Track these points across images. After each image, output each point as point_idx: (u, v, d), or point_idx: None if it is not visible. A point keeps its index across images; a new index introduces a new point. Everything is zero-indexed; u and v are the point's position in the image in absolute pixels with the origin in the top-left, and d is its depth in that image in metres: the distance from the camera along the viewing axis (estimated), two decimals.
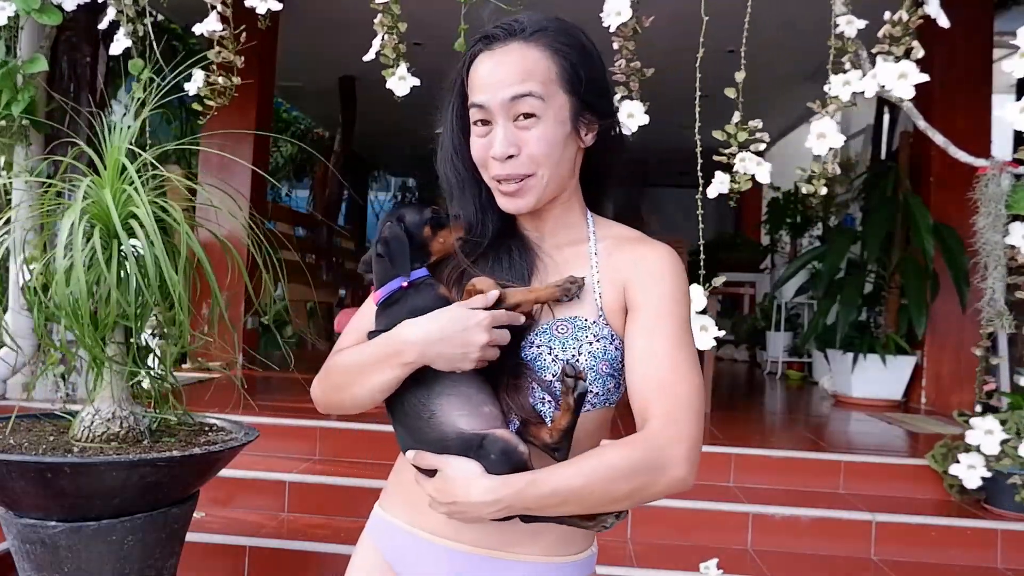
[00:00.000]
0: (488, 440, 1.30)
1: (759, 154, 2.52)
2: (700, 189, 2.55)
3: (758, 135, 2.45)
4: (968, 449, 3.88)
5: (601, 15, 2.54)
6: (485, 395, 1.36)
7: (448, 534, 1.42)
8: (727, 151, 2.45)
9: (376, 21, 2.72)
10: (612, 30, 2.54)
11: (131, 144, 2.39)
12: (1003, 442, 3.74)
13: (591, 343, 1.38)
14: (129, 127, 2.44)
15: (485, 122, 1.41)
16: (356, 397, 1.42)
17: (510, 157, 1.39)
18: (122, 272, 2.31)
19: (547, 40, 1.40)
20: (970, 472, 3.89)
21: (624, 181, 1.60)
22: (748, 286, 9.68)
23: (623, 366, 1.42)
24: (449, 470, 1.29)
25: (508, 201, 1.44)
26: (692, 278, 2.45)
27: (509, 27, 1.41)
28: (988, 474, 3.84)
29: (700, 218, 2.57)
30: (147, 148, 2.43)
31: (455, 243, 1.46)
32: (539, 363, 1.39)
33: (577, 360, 1.37)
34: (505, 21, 1.43)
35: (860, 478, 4.42)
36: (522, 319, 1.38)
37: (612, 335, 1.40)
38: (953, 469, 3.96)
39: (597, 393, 1.40)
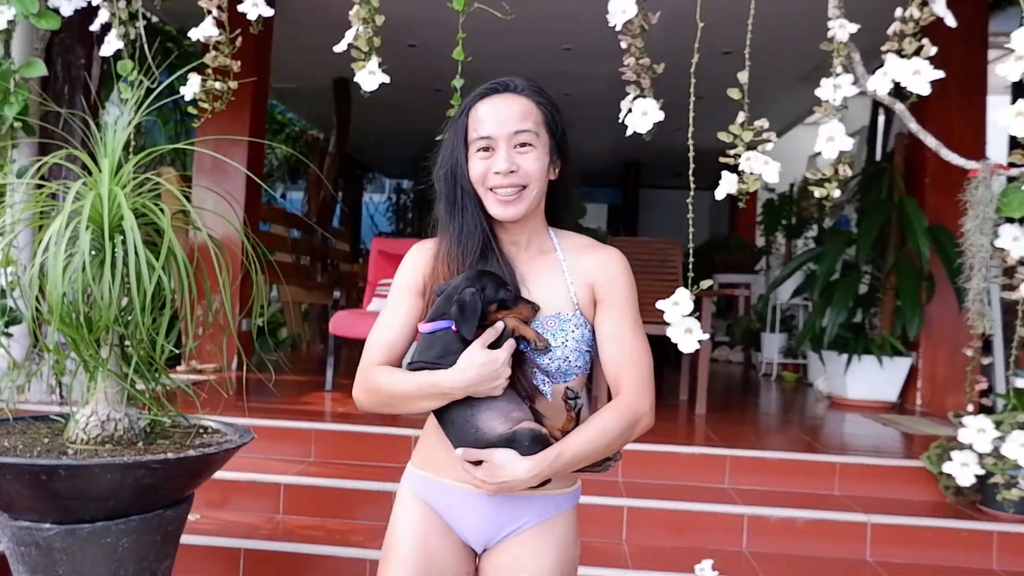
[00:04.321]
0: (519, 433, 1.74)
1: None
2: (691, 192, 2.54)
3: (765, 135, 2.44)
4: (961, 447, 3.89)
5: (607, 15, 2.53)
6: (513, 403, 1.79)
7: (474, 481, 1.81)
8: (733, 152, 2.44)
9: (352, 13, 2.69)
10: (618, 28, 2.53)
11: (124, 146, 2.38)
12: (995, 439, 3.74)
13: (573, 331, 1.88)
14: (123, 129, 2.43)
15: (487, 148, 1.86)
16: (406, 411, 1.87)
17: (511, 172, 1.83)
18: (114, 274, 2.30)
19: (532, 95, 1.90)
20: (963, 470, 3.89)
21: (570, 206, 2.10)
22: (743, 287, 9.70)
23: (593, 344, 1.93)
24: (495, 458, 1.73)
25: (503, 208, 1.86)
26: (686, 280, 2.45)
27: (504, 83, 1.91)
28: (981, 472, 3.84)
29: (691, 222, 2.57)
30: (139, 150, 2.42)
31: (497, 316, 1.81)
32: (536, 352, 1.85)
33: (566, 346, 1.86)
34: (498, 81, 1.92)
35: (855, 480, 4.43)
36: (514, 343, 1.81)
37: (586, 323, 1.91)
38: (946, 467, 3.96)
39: (580, 366, 1.90)
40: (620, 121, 2.56)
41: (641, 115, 2.51)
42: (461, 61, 2.71)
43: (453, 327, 1.77)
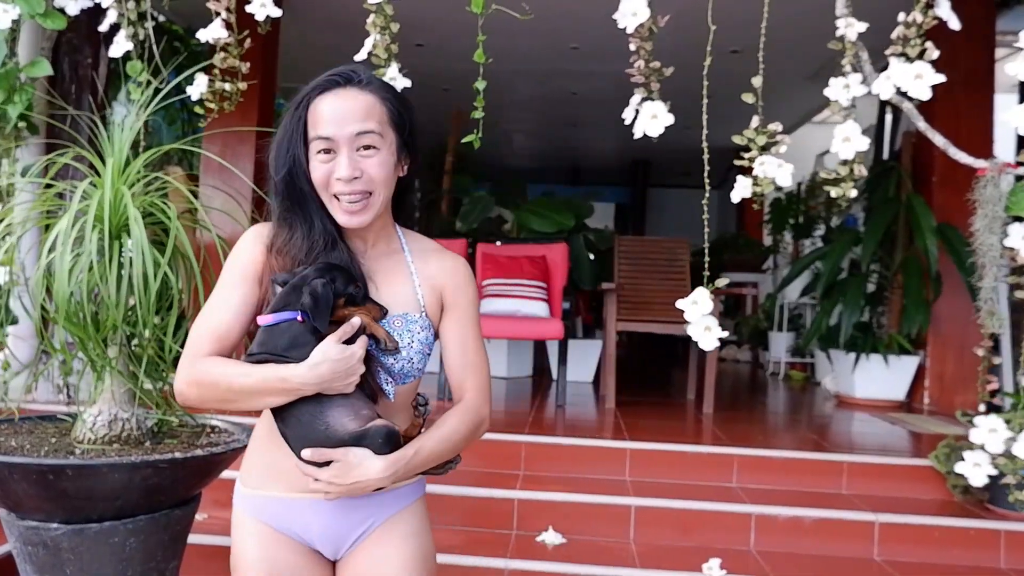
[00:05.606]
0: (372, 430, 1.67)
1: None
2: (707, 192, 2.54)
3: (778, 137, 2.44)
4: (973, 447, 3.88)
5: (615, 17, 2.53)
6: (362, 401, 1.72)
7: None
8: (748, 155, 2.43)
9: (368, 21, 2.71)
10: (629, 31, 2.53)
11: (132, 146, 2.39)
12: (1007, 440, 3.73)
13: (419, 333, 1.83)
14: (130, 128, 2.43)
15: (328, 151, 1.75)
16: (242, 407, 1.71)
17: (355, 179, 1.73)
18: (121, 274, 2.31)
19: (376, 90, 1.80)
20: (975, 470, 3.88)
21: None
22: (751, 287, 9.68)
23: (433, 347, 1.89)
24: (349, 457, 1.64)
25: (349, 217, 1.77)
26: (701, 280, 2.45)
27: (346, 75, 1.80)
28: (994, 472, 3.84)
29: (706, 222, 2.57)
30: (146, 150, 2.43)
31: (346, 312, 1.73)
32: (384, 353, 1.79)
33: (411, 347, 1.81)
34: (341, 70, 1.81)
35: (863, 478, 4.42)
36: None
37: (430, 325, 1.87)
38: (959, 467, 3.95)
39: (420, 368, 1.86)
40: (628, 124, 2.55)
41: (651, 118, 2.51)
42: (482, 64, 2.70)
43: (299, 318, 1.68)
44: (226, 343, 1.76)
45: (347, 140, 1.74)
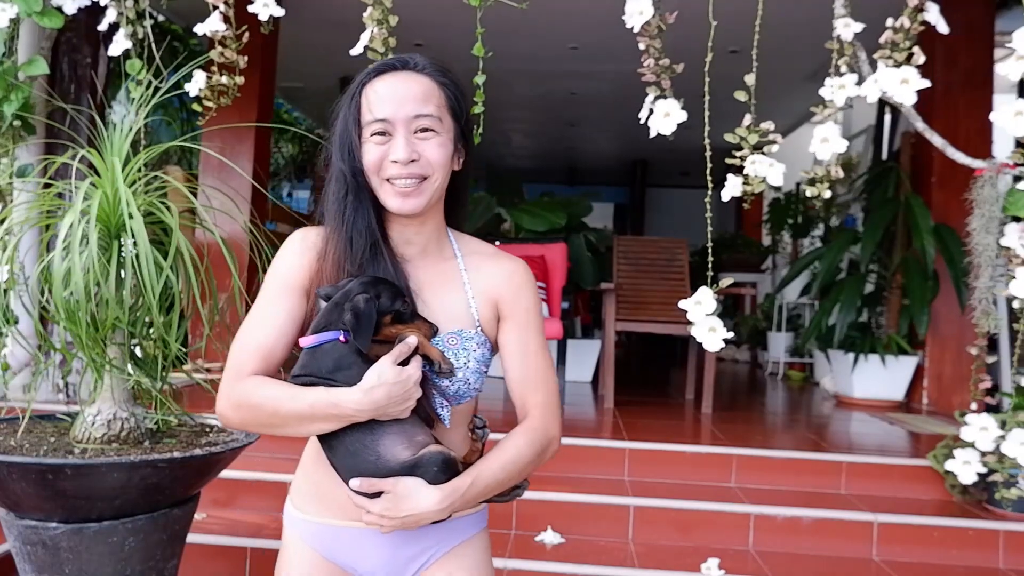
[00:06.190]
0: (426, 457, 1.54)
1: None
2: (709, 191, 2.54)
3: (770, 136, 2.44)
4: (963, 445, 3.88)
5: (614, 14, 2.53)
6: (417, 426, 1.59)
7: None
8: (739, 154, 2.44)
9: (366, 15, 2.70)
10: (636, 30, 2.53)
11: (130, 145, 2.39)
12: (997, 438, 3.73)
13: (475, 350, 1.68)
14: (130, 128, 2.44)
15: (383, 133, 1.63)
16: (288, 434, 1.59)
17: (412, 161, 1.61)
18: (122, 273, 2.31)
19: (434, 74, 1.68)
20: (965, 468, 3.88)
21: (467, 205, 1.90)
22: (749, 287, 9.69)
23: (491, 363, 1.73)
24: (400, 490, 1.51)
25: (402, 200, 1.64)
26: (699, 280, 2.45)
27: (402, 61, 1.68)
28: (983, 470, 3.84)
29: (709, 221, 2.57)
30: (146, 149, 2.43)
31: (392, 331, 1.58)
32: (439, 375, 1.63)
33: (467, 367, 1.66)
34: (397, 57, 1.70)
35: (862, 478, 4.42)
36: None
37: (486, 340, 1.72)
38: (949, 465, 3.95)
39: (477, 388, 1.71)
40: (642, 122, 2.55)
41: (664, 116, 2.51)
42: (482, 58, 2.70)
43: (342, 338, 1.55)
44: (270, 361, 1.64)
45: (404, 122, 1.62)
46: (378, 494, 1.52)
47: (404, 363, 1.54)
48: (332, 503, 1.70)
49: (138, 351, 2.49)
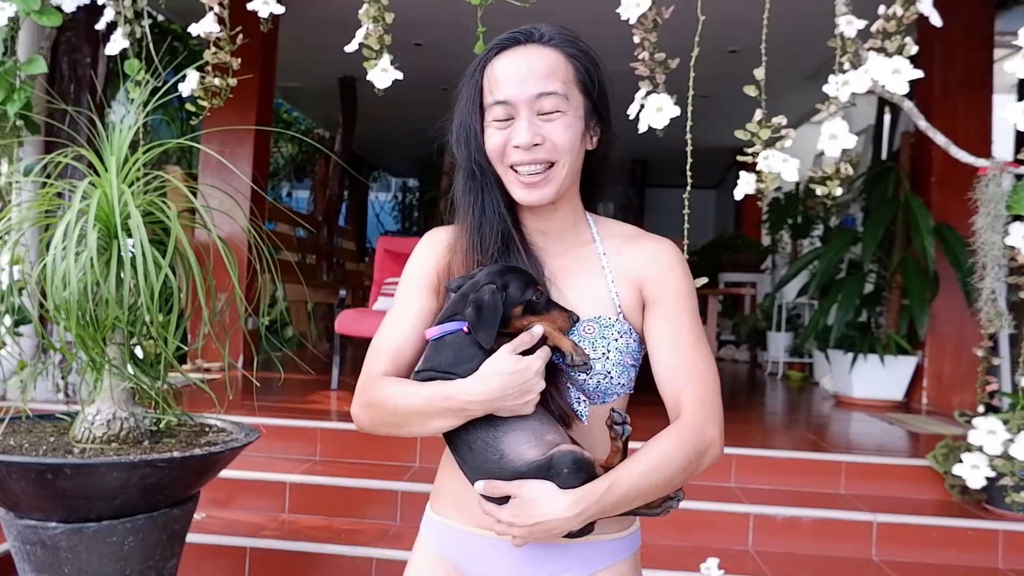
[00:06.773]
0: (556, 457, 1.37)
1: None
2: (688, 188, 2.54)
3: (783, 132, 2.44)
4: (971, 449, 3.88)
5: (618, 11, 2.52)
6: (547, 424, 1.44)
7: None
8: (751, 150, 2.43)
9: (361, 12, 2.69)
10: (632, 22, 2.52)
11: (131, 145, 2.39)
12: (1005, 441, 3.73)
13: (616, 339, 1.51)
14: (129, 128, 2.43)
15: (506, 116, 1.50)
16: (413, 434, 1.49)
17: (535, 145, 1.48)
18: (122, 273, 2.31)
19: (562, 46, 1.54)
20: (974, 472, 3.88)
21: (619, 181, 1.70)
22: (749, 286, 9.69)
23: (640, 357, 1.56)
24: (526, 493, 1.36)
25: (528, 191, 1.51)
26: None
27: (526, 33, 1.55)
28: (992, 474, 3.83)
29: (686, 218, 2.57)
30: (144, 148, 2.42)
31: (524, 322, 1.47)
32: (573, 368, 1.46)
33: (607, 358, 1.49)
34: (520, 29, 1.56)
35: (861, 479, 4.42)
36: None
37: (631, 330, 1.53)
38: (956, 469, 3.95)
39: (623, 384, 1.54)
40: (632, 117, 2.54)
41: (656, 111, 2.50)
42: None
43: (464, 328, 1.44)
44: (400, 361, 1.56)
45: (526, 102, 1.49)
46: (506, 499, 1.38)
47: (527, 353, 1.41)
48: (464, 507, 1.56)
49: (138, 351, 2.49)
